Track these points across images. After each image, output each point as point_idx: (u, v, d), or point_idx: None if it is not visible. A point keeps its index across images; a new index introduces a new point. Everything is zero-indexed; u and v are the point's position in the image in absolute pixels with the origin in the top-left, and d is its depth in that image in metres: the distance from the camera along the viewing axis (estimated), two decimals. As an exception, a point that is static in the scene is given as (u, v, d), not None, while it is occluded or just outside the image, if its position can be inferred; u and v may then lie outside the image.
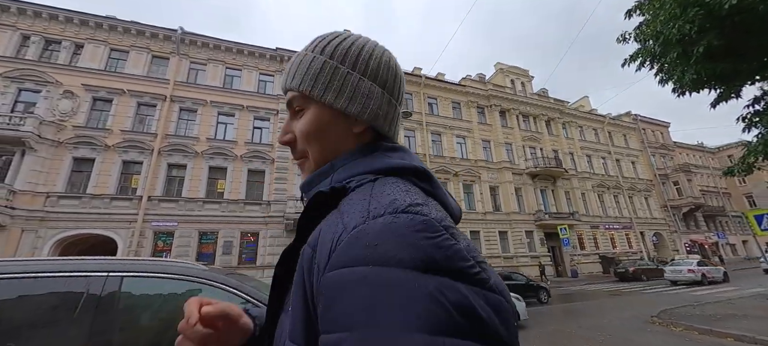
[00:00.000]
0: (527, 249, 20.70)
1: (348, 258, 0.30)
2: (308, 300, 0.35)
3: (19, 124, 12.86)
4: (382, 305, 0.27)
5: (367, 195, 0.37)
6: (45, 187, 13.14)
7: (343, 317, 0.28)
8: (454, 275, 0.28)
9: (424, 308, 0.26)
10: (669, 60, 5.64)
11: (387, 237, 0.30)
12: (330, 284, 0.30)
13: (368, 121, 0.49)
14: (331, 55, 0.49)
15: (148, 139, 15.03)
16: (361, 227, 0.32)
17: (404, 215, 0.32)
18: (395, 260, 0.28)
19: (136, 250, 13.43)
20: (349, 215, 0.35)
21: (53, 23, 15.46)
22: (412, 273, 0.28)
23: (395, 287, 0.27)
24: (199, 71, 17.42)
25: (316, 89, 0.48)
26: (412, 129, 20.93)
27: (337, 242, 0.32)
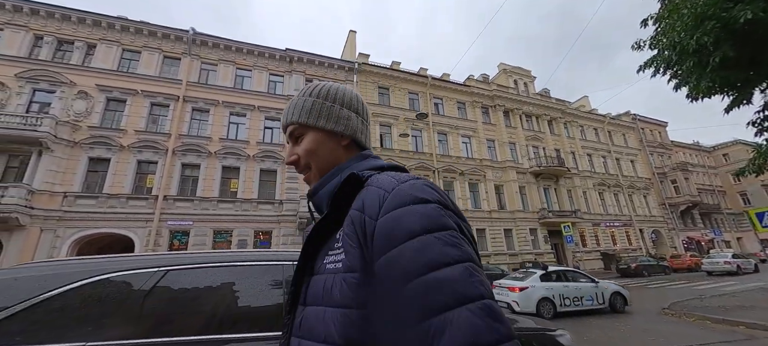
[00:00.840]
0: (532, 246, 21.18)
1: (396, 204, 0.49)
2: (361, 243, 0.50)
3: (36, 124, 12.96)
4: (423, 221, 0.47)
5: (385, 176, 0.56)
6: (62, 187, 13.29)
7: (405, 232, 0.46)
8: (451, 209, 0.52)
9: (446, 221, 0.48)
10: (685, 68, 6.01)
11: (415, 190, 0.51)
12: (389, 220, 0.48)
13: (350, 136, 0.71)
14: (318, 96, 0.71)
15: (162, 139, 15.20)
16: (398, 187, 0.52)
17: (419, 180, 0.54)
18: (424, 199, 0.50)
19: (153, 249, 13.64)
20: (383, 185, 0.53)
21: (66, 24, 15.53)
22: (434, 206, 0.49)
23: (429, 213, 0.48)
24: (210, 72, 17.58)
25: (311, 119, 0.69)
26: (418, 129, 21.26)
27: (382, 199, 0.51)
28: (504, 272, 15.81)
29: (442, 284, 0.42)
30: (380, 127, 20.15)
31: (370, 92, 20.68)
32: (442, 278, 0.42)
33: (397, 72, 22.07)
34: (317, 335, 0.52)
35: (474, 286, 0.42)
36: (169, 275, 1.49)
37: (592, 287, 8.43)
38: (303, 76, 18.68)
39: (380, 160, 0.70)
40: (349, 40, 24.57)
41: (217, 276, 1.58)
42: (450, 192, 20.57)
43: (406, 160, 19.74)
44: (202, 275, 1.55)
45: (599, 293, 8.35)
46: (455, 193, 20.58)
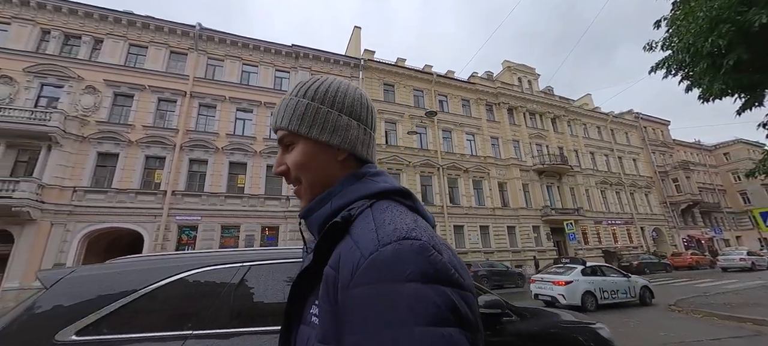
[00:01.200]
0: (534, 243, 21.37)
1: (368, 278, 0.40)
2: (334, 309, 0.43)
3: (45, 119, 13.02)
4: (396, 309, 0.37)
5: (371, 222, 0.47)
6: (71, 181, 13.38)
7: (368, 320, 0.38)
8: (442, 282, 0.40)
9: (424, 307, 0.37)
10: (699, 70, 6.11)
11: (395, 261, 0.40)
12: (355, 297, 0.40)
13: (348, 149, 0.60)
14: (312, 98, 0.60)
15: (169, 134, 15.27)
16: (375, 254, 0.41)
17: (406, 242, 0.42)
18: (404, 276, 0.39)
19: (161, 243, 13.78)
20: (362, 243, 0.44)
21: (73, 18, 15.51)
22: (415, 284, 0.39)
23: (405, 295, 0.38)
24: (217, 67, 17.60)
25: (302, 127, 0.58)
26: (423, 126, 21.34)
27: (356, 266, 0.42)
28: (508, 269, 15.99)
29: None
30: (385, 124, 20.22)
31: (376, 89, 20.71)
32: None
33: (402, 69, 22.09)
34: None
35: None
36: (252, 269, 1.61)
37: (625, 281, 9.03)
38: (309, 73, 18.71)
39: (380, 180, 0.59)
40: (353, 36, 24.52)
41: (292, 271, 1.70)
42: (454, 189, 20.73)
43: (411, 157, 19.85)
44: (279, 269, 1.67)
45: (631, 286, 8.95)
46: (460, 190, 20.72)
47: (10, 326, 1.28)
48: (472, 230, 19.95)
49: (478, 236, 19.98)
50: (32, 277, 11.95)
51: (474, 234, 19.91)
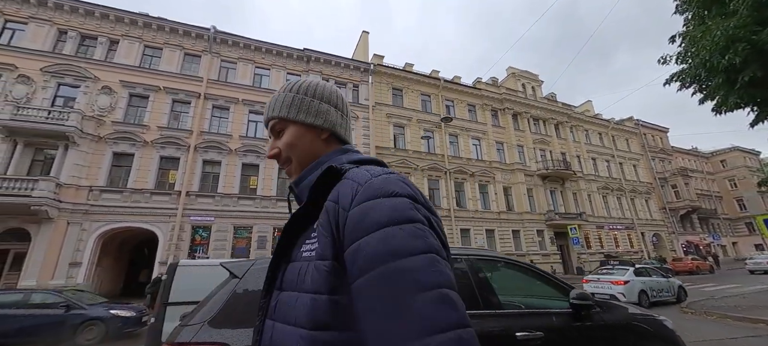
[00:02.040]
0: (538, 247, 21.70)
1: (366, 196, 0.52)
2: (333, 233, 0.54)
3: (62, 118, 13.15)
4: (391, 213, 0.50)
5: (363, 169, 0.59)
6: (87, 181, 13.50)
7: (373, 223, 0.49)
8: (422, 204, 0.54)
9: (413, 214, 0.51)
10: (714, 85, 6.46)
11: (385, 184, 0.54)
12: (358, 211, 0.51)
13: (329, 129, 0.73)
14: (297, 92, 0.73)
15: (184, 135, 15.44)
16: (369, 181, 0.54)
17: (392, 175, 0.57)
18: (394, 192, 0.52)
19: (176, 243, 13.92)
20: (358, 178, 0.56)
21: (89, 19, 15.67)
22: (404, 199, 0.52)
23: (397, 205, 0.51)
24: (230, 69, 17.81)
25: (291, 113, 0.71)
26: (430, 130, 21.65)
27: (355, 191, 0.54)
28: None
29: (403, 272, 0.45)
30: (394, 128, 20.51)
31: (385, 93, 21.02)
32: (403, 267, 0.45)
33: (410, 73, 22.43)
34: (290, 318, 0.56)
35: (433, 275, 0.45)
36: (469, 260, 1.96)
37: (666, 281, 10.00)
38: (320, 76, 18.98)
39: (360, 154, 0.73)
40: (361, 40, 24.85)
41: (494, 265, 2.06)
42: (461, 193, 21.04)
43: (419, 160, 20.14)
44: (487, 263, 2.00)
45: (671, 286, 9.94)
46: (466, 194, 21.03)
47: (225, 308, 1.52)
48: (478, 233, 20.25)
49: (484, 239, 20.27)
50: (49, 276, 12.07)
51: (480, 237, 20.20)
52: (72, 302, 7.32)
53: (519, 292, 2.20)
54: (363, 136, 19.07)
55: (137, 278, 17.22)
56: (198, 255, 14.40)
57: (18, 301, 7.13)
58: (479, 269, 2.06)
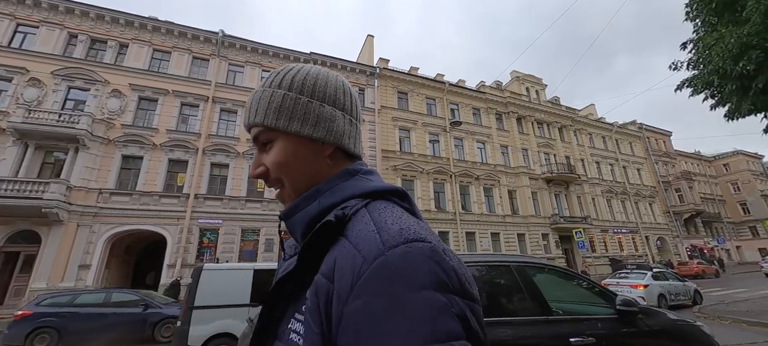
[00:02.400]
0: (544, 251, 21.69)
1: (374, 288, 0.35)
2: (323, 326, 0.38)
3: (73, 121, 13.25)
4: (412, 329, 0.32)
5: (370, 223, 0.42)
6: (97, 184, 13.58)
7: (374, 337, 0.33)
8: (457, 292, 0.37)
9: (443, 321, 0.34)
10: (727, 91, 6.53)
11: (406, 266, 0.36)
12: (359, 311, 0.34)
13: (334, 142, 0.54)
14: (289, 88, 0.53)
15: (192, 138, 15.53)
16: (382, 259, 0.36)
17: (415, 244, 0.38)
18: (418, 284, 0.34)
19: (184, 246, 13.96)
20: (364, 246, 0.38)
21: (99, 23, 15.82)
22: (431, 293, 0.34)
23: (424, 316, 0.33)
24: (237, 73, 17.94)
25: (280, 121, 0.51)
26: (436, 133, 21.74)
27: (358, 273, 0.36)
28: None
29: None
30: (399, 131, 20.60)
31: (390, 97, 21.13)
32: None
33: (415, 77, 22.56)
34: None
35: None
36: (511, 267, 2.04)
37: (682, 285, 10.20)
38: (326, 80, 19.07)
39: (374, 178, 0.55)
40: (366, 43, 25.03)
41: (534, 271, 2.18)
42: (466, 196, 21.08)
43: (425, 164, 20.21)
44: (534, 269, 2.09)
45: (687, 290, 10.14)
46: (471, 197, 21.07)
47: None
48: (483, 236, 20.27)
49: (489, 242, 20.29)
50: (59, 278, 12.12)
51: (485, 240, 20.22)
52: (149, 301, 7.84)
53: (564, 298, 2.26)
54: (369, 139, 19.16)
55: (144, 281, 17.23)
56: (205, 258, 14.45)
57: (103, 300, 7.72)
58: (527, 276, 2.12)
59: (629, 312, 2.03)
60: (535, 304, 2.04)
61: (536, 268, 2.31)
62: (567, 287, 2.30)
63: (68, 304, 7.39)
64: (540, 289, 2.09)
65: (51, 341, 6.87)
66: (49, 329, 6.92)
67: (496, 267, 2.20)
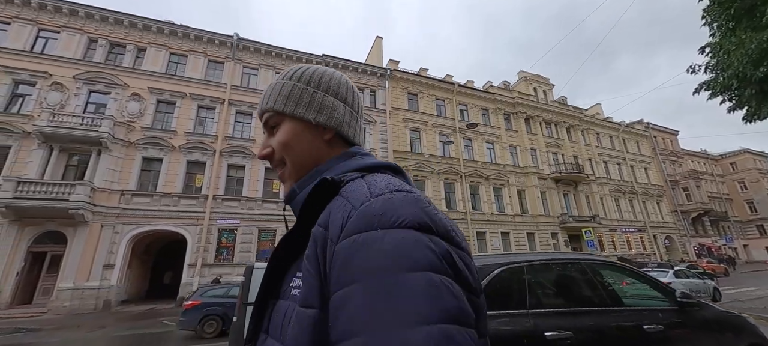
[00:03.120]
0: (553, 250, 21.88)
1: (359, 227, 0.39)
2: (320, 269, 0.41)
3: (96, 125, 13.58)
4: (390, 253, 0.36)
5: (363, 183, 0.47)
6: (119, 185, 13.91)
7: (361, 268, 0.36)
8: (440, 235, 0.39)
9: (423, 254, 0.36)
10: (747, 94, 6.72)
11: (387, 208, 0.40)
12: (345, 247, 0.38)
13: (334, 127, 0.60)
14: (298, 80, 0.61)
15: (209, 140, 15.83)
16: (366, 204, 0.41)
17: (399, 193, 0.43)
18: (399, 222, 0.38)
19: (204, 246, 14.27)
20: (353, 197, 0.44)
21: (118, 27, 16.14)
22: (411, 232, 0.38)
23: (400, 243, 0.36)
24: (252, 75, 18.23)
25: (288, 106, 0.59)
26: (446, 134, 21.95)
27: (347, 217, 0.41)
28: None
29: None
30: (410, 132, 20.83)
31: (401, 98, 21.36)
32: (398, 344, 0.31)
33: (424, 78, 22.77)
34: None
35: None
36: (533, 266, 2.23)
37: (702, 282, 10.43)
38: (338, 82, 19.35)
39: (371, 157, 0.61)
40: (375, 45, 25.24)
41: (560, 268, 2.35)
42: (476, 196, 21.28)
43: (435, 164, 20.43)
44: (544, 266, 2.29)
45: (707, 287, 10.35)
46: (481, 197, 21.28)
47: None
48: (493, 235, 20.48)
49: (499, 241, 20.50)
50: (85, 278, 12.46)
51: (495, 240, 20.43)
52: None
53: (627, 291, 2.50)
54: (381, 140, 19.41)
55: (162, 280, 17.60)
56: (224, 258, 14.77)
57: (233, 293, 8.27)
58: (597, 271, 2.38)
59: (688, 304, 2.26)
60: (608, 296, 2.29)
61: (602, 264, 2.55)
62: (625, 279, 2.55)
63: (224, 295, 8.31)
64: (609, 283, 2.34)
65: (217, 326, 7.85)
66: (216, 316, 7.91)
67: (572, 263, 2.47)
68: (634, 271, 2.59)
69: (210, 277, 14.05)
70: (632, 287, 2.56)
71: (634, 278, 2.54)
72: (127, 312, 12.24)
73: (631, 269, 2.61)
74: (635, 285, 2.56)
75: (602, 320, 2.11)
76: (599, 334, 2.05)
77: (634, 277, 2.54)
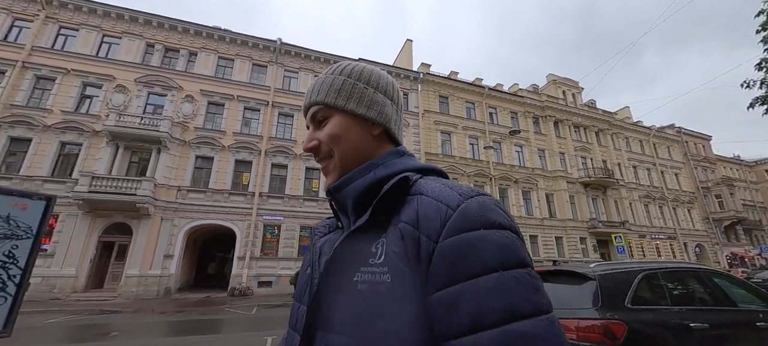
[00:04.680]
0: (582, 255, 21.91)
1: (464, 225, 0.42)
2: (411, 264, 0.43)
3: (157, 125, 14.63)
4: (500, 253, 0.40)
5: (439, 185, 0.49)
6: (176, 181, 14.95)
7: (477, 265, 0.39)
8: (515, 231, 0.45)
9: (524, 253, 0.42)
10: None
11: (483, 211, 0.43)
12: (455, 243, 0.41)
13: (383, 124, 0.61)
14: (349, 75, 0.61)
15: (255, 140, 16.73)
16: (465, 204, 0.44)
17: (484, 197, 0.46)
18: (498, 224, 0.43)
19: (251, 240, 15.18)
20: (443, 198, 0.46)
21: (172, 33, 17.22)
22: (509, 233, 0.43)
23: (507, 244, 0.41)
24: (292, 79, 19.05)
25: (339, 100, 0.59)
26: (475, 137, 22.26)
27: (445, 216, 0.43)
28: None
29: (526, 341, 0.36)
30: (441, 135, 21.25)
31: (432, 101, 21.79)
32: (525, 334, 0.36)
33: (455, 82, 23.10)
34: None
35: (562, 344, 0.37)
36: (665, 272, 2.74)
37: None
38: (372, 85, 19.98)
39: (416, 159, 0.62)
40: (404, 48, 25.72)
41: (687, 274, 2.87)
42: (505, 199, 21.53)
43: (466, 167, 20.80)
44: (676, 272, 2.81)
45: None
46: (510, 200, 21.52)
47: (606, 299, 2.37)
48: (522, 238, 20.71)
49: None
50: (148, 266, 13.54)
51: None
52: None
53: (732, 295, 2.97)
54: (414, 143, 19.92)
55: (206, 270, 18.73)
56: (268, 252, 15.66)
57: None
58: (711, 277, 2.92)
59: None
60: (724, 297, 2.77)
61: (713, 272, 3.05)
62: (732, 286, 3.00)
63: None
64: (723, 288, 2.83)
65: None
66: None
67: (693, 271, 2.99)
68: (733, 278, 3.08)
69: (257, 269, 15.00)
70: (739, 292, 3.01)
71: (734, 284, 3.02)
72: (186, 299, 13.24)
73: (732, 277, 3.11)
74: (740, 291, 3.01)
75: (724, 317, 2.60)
76: (725, 328, 2.54)
77: (734, 283, 3.02)
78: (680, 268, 3.00)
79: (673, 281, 2.78)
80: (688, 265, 3.21)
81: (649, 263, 2.93)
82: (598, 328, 2.23)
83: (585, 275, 2.60)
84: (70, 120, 14.34)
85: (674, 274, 2.86)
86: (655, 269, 2.76)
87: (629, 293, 2.47)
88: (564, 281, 2.78)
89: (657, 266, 2.82)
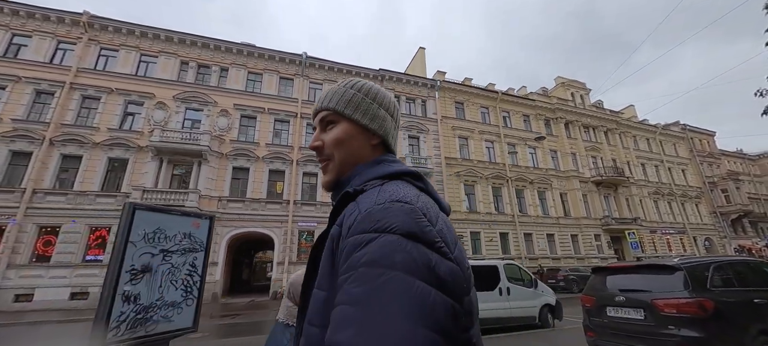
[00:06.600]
0: (597, 251, 22.75)
1: (361, 228, 0.48)
2: (333, 261, 0.52)
3: (196, 139, 15.48)
4: (381, 254, 0.44)
5: (376, 192, 0.56)
6: (216, 192, 15.78)
7: (356, 261, 0.45)
8: (425, 244, 0.47)
9: (404, 258, 0.44)
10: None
11: (383, 215, 0.49)
12: (350, 243, 0.48)
13: (382, 136, 0.72)
14: (358, 90, 0.72)
15: (286, 151, 17.58)
16: (369, 209, 0.51)
17: (397, 203, 0.51)
18: (390, 229, 0.46)
19: (288, 246, 16.00)
20: (362, 203, 0.53)
21: (205, 50, 18.09)
22: (399, 237, 0.46)
23: (389, 244, 0.45)
24: (316, 90, 19.91)
25: (348, 109, 0.69)
26: (491, 141, 23.11)
27: (354, 219, 0.51)
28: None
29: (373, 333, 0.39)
30: (458, 139, 22.11)
31: (449, 107, 22.66)
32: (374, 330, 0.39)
33: (469, 87, 23.99)
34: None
35: None
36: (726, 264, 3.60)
37: None
38: (393, 93, 20.82)
39: (397, 165, 0.68)
40: (417, 56, 26.57)
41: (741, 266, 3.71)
42: (522, 200, 22.35)
43: (484, 169, 21.64)
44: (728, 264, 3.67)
45: None
46: (526, 200, 22.35)
47: (695, 284, 3.21)
48: (539, 237, 21.54)
49: (545, 243, 21.54)
50: (195, 272, 14.32)
51: (542, 241, 21.49)
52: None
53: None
54: (434, 148, 20.78)
55: (241, 276, 19.53)
56: (304, 257, 16.46)
57: None
58: (760, 267, 3.77)
59: None
60: None
61: (764, 263, 3.91)
62: None
63: None
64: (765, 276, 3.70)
65: None
66: None
67: (747, 262, 3.86)
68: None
69: (295, 273, 15.78)
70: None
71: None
72: (234, 304, 14.05)
73: None
74: None
75: None
76: None
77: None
78: (739, 260, 3.87)
79: (736, 269, 3.62)
80: (744, 258, 4.10)
81: (717, 257, 3.78)
82: (693, 304, 3.08)
83: (674, 266, 3.44)
84: (116, 137, 15.18)
85: (735, 265, 3.71)
86: (722, 261, 3.61)
87: (708, 279, 3.32)
88: (652, 271, 3.62)
89: (722, 260, 3.68)
